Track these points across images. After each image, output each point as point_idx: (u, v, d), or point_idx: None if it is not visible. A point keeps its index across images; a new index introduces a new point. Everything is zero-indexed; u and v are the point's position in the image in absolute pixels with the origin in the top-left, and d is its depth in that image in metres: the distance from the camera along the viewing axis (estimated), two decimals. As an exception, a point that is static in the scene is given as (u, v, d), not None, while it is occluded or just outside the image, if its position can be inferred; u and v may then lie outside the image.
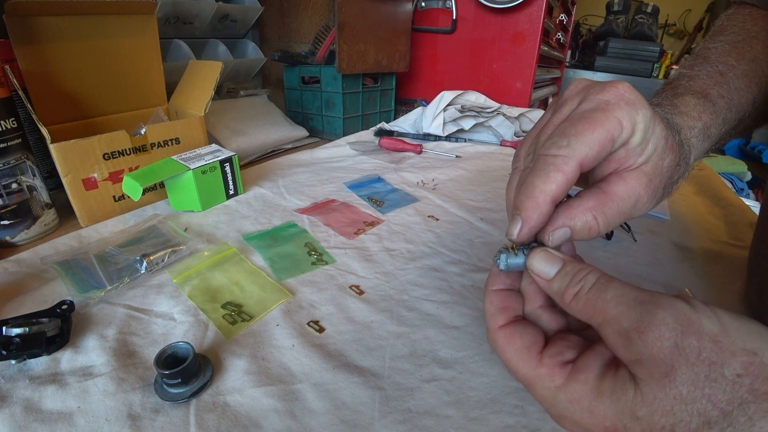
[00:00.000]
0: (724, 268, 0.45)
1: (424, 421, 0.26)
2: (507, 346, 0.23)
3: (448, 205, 0.59)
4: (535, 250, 0.24)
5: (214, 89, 0.61)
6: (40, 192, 0.48)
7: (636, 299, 0.19)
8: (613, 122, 0.22)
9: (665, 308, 0.18)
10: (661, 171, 0.24)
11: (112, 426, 0.25)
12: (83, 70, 0.57)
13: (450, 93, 0.94)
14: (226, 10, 0.91)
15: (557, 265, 0.22)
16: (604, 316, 0.20)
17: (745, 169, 1.68)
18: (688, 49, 2.93)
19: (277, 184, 0.65)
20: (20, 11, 0.48)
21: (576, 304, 0.21)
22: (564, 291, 0.22)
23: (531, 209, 0.22)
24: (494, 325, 0.24)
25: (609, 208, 0.23)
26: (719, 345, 0.17)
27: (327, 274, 0.42)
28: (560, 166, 0.22)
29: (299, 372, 0.30)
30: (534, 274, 0.23)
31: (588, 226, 0.23)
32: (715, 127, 0.30)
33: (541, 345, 0.22)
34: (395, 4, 1.00)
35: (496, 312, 0.25)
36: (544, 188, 0.22)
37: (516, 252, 0.24)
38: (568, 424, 0.21)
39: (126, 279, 0.38)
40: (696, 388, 0.17)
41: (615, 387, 0.19)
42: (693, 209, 0.61)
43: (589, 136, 0.22)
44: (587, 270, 0.22)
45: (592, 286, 0.21)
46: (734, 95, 0.31)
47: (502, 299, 0.25)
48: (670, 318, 0.18)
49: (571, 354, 0.21)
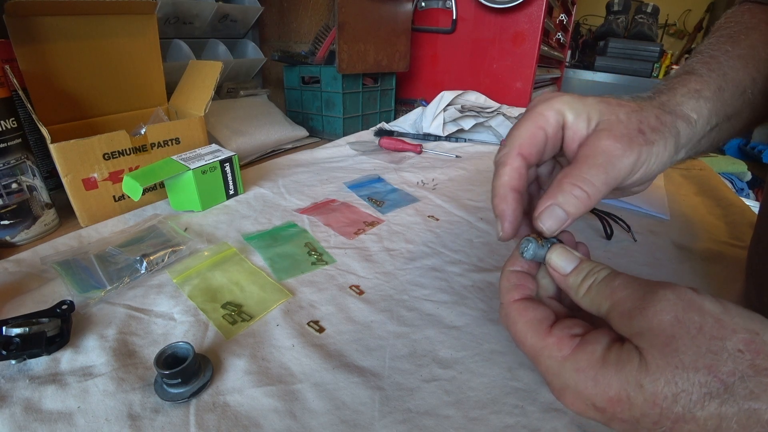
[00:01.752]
0: (725, 268, 0.45)
1: (424, 421, 0.26)
2: (518, 317, 0.24)
3: (448, 205, 0.59)
4: (554, 246, 0.25)
5: (214, 89, 0.61)
6: (40, 192, 0.48)
7: (641, 284, 0.20)
8: (533, 114, 0.26)
9: (667, 288, 0.19)
10: (618, 120, 0.25)
11: (112, 426, 0.25)
12: (83, 70, 0.57)
13: (450, 93, 0.94)
14: (226, 10, 0.91)
15: (574, 262, 0.24)
16: (612, 300, 0.21)
17: (745, 169, 1.68)
18: (689, 49, 2.93)
19: (277, 184, 0.65)
20: (20, 11, 0.48)
21: (587, 296, 0.22)
22: (578, 285, 0.23)
23: (498, 204, 0.26)
24: (509, 299, 0.25)
25: (584, 171, 0.24)
26: (721, 323, 0.18)
27: (327, 274, 0.42)
28: (503, 160, 0.26)
29: (299, 372, 0.30)
30: (551, 267, 0.25)
31: (573, 196, 0.24)
32: (709, 90, 0.30)
33: (551, 320, 0.23)
34: (395, 4, 1.00)
35: (512, 288, 0.26)
36: (499, 182, 0.26)
37: (542, 243, 0.25)
38: (570, 396, 0.21)
39: (126, 279, 0.38)
40: (698, 357, 0.17)
41: (620, 357, 0.19)
42: (693, 209, 0.61)
43: (518, 130, 0.26)
44: (601, 266, 0.23)
45: (604, 278, 0.22)
46: (728, 70, 0.31)
47: (519, 278, 0.26)
48: (672, 295, 0.19)
49: (579, 329, 0.22)
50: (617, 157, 0.24)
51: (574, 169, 0.24)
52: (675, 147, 0.27)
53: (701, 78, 0.30)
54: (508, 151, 0.26)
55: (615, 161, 0.24)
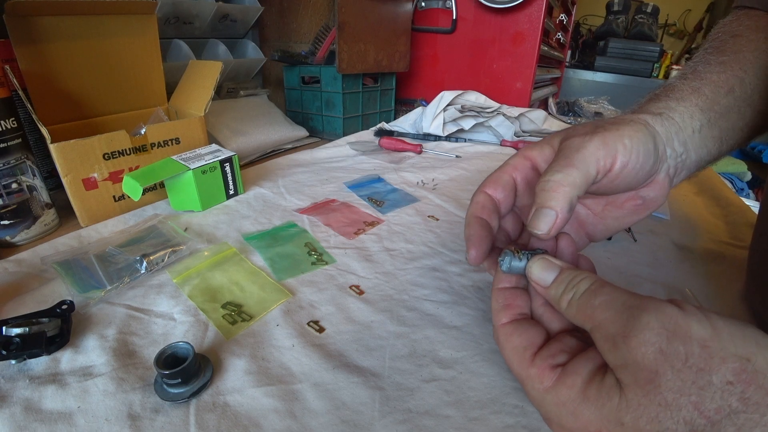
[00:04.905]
0: (725, 268, 0.45)
1: (424, 421, 0.26)
2: (505, 343, 0.24)
3: (448, 205, 0.59)
4: (534, 258, 0.25)
5: (214, 89, 0.61)
6: (40, 192, 0.48)
7: (624, 304, 0.19)
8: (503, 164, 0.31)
9: (651, 312, 0.18)
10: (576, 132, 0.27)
11: (112, 426, 0.25)
12: (83, 70, 0.57)
13: (450, 93, 0.94)
14: (226, 10, 0.91)
15: (554, 272, 0.24)
16: (593, 321, 0.20)
17: (745, 169, 1.68)
18: (689, 49, 2.93)
19: (277, 184, 0.65)
20: (20, 11, 0.48)
21: (570, 310, 0.22)
22: (559, 298, 0.22)
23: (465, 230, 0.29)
24: (497, 322, 0.25)
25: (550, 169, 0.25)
26: (708, 350, 0.16)
27: (327, 274, 0.42)
28: (472, 198, 0.31)
29: (299, 372, 0.30)
30: (532, 281, 0.24)
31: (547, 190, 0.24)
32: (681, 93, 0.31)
33: (536, 346, 0.23)
34: (395, 4, 1.00)
35: (500, 309, 0.26)
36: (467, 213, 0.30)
37: (520, 255, 0.25)
38: (555, 426, 0.21)
39: (126, 279, 0.38)
40: (682, 395, 0.16)
41: (600, 393, 0.19)
42: (693, 209, 0.61)
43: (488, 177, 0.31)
44: (581, 276, 0.22)
45: (584, 293, 0.21)
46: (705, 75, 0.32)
47: (507, 297, 0.26)
48: (656, 322, 0.17)
49: (563, 357, 0.22)
50: (577, 146, 0.25)
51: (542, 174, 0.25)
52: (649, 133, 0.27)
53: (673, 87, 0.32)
54: (477, 190, 0.31)
55: (577, 149, 0.25)
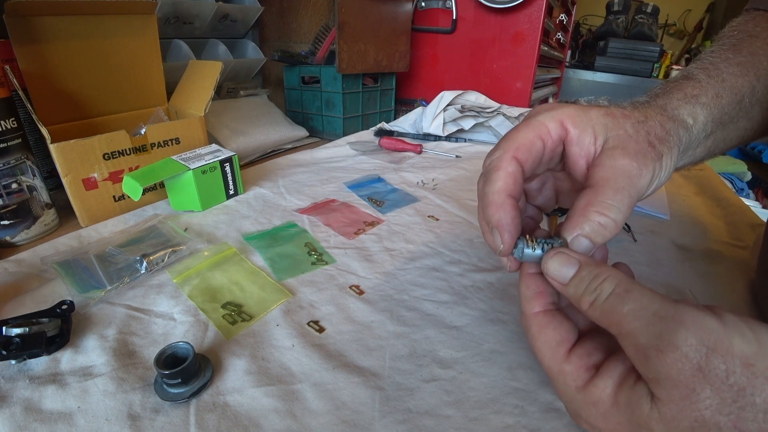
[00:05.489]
0: (725, 268, 0.45)
1: (424, 421, 0.26)
2: (539, 334, 0.23)
3: (448, 205, 0.59)
4: (550, 252, 0.23)
5: (214, 89, 0.61)
6: (40, 192, 0.48)
7: (656, 314, 0.18)
8: (533, 122, 0.25)
9: (689, 327, 0.17)
10: (628, 135, 0.24)
11: (112, 426, 0.25)
12: (83, 70, 0.57)
13: (450, 93, 0.94)
14: (226, 10, 0.91)
15: (573, 267, 0.22)
16: (620, 329, 0.19)
17: (745, 169, 1.68)
18: (688, 49, 2.93)
19: (277, 184, 0.65)
20: (20, 11, 0.48)
21: (593, 313, 0.20)
22: (580, 297, 0.21)
23: (494, 213, 0.24)
24: (529, 310, 0.24)
25: (609, 197, 0.23)
26: (751, 369, 0.15)
27: (327, 274, 0.42)
28: (497, 164, 0.24)
29: (299, 372, 0.30)
30: (549, 277, 0.23)
31: (600, 225, 0.22)
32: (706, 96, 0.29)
33: (571, 341, 0.22)
34: (395, 4, 1.00)
35: (532, 297, 0.24)
36: (493, 189, 0.24)
37: (534, 244, 0.24)
38: (583, 423, 0.21)
39: (126, 279, 0.38)
40: (721, 414, 0.16)
41: (630, 400, 0.18)
42: (693, 209, 0.61)
43: (515, 135, 0.25)
44: (604, 275, 0.20)
45: (609, 296, 0.20)
46: (727, 77, 0.30)
47: (539, 284, 0.24)
48: (694, 338, 0.16)
49: (598, 357, 0.21)
50: (636, 177, 0.23)
51: (598, 195, 0.23)
52: (678, 155, 0.27)
53: (699, 83, 0.30)
54: (502, 154, 0.24)
55: (635, 181, 0.23)
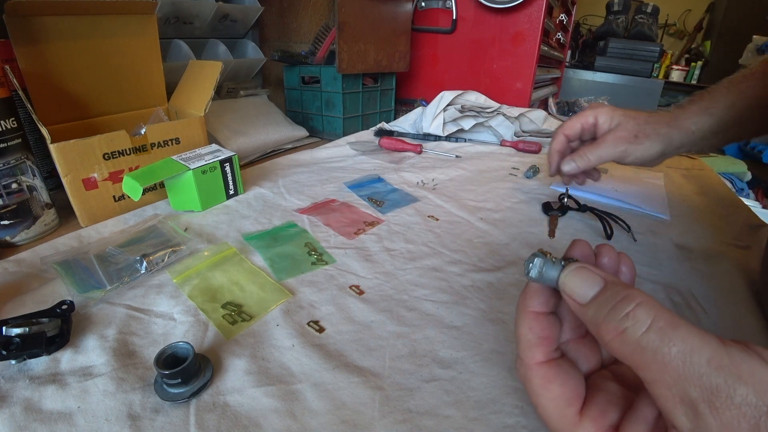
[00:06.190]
0: (725, 268, 0.45)
1: (424, 421, 0.26)
2: (543, 390, 0.20)
3: (448, 205, 0.59)
4: (571, 265, 0.20)
5: (214, 89, 0.61)
6: (40, 192, 0.48)
7: (711, 362, 0.15)
8: (580, 114, 0.52)
9: (748, 383, 0.15)
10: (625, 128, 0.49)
11: (112, 426, 0.25)
12: (83, 70, 0.57)
13: (450, 93, 0.94)
14: (226, 10, 0.91)
15: (596, 285, 0.19)
16: (662, 374, 0.16)
17: (745, 169, 1.68)
18: (688, 49, 2.93)
19: (277, 184, 0.65)
20: (20, 11, 0.48)
21: (620, 347, 0.17)
22: (602, 322, 0.18)
23: (549, 156, 0.55)
24: (531, 359, 0.21)
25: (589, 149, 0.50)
26: None
27: (327, 274, 0.42)
28: (555, 136, 0.54)
29: (299, 372, 0.30)
30: (566, 294, 0.20)
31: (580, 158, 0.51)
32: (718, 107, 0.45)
33: (581, 399, 0.20)
34: (395, 4, 1.00)
35: (536, 343, 0.21)
36: (551, 148, 0.55)
37: (554, 261, 0.21)
38: None
39: (126, 279, 0.38)
40: None
41: None
42: (693, 209, 0.61)
43: (568, 121, 0.52)
44: (636, 300, 0.17)
45: (647, 330, 0.16)
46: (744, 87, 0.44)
47: (544, 327, 0.21)
48: (754, 397, 0.15)
49: (614, 415, 0.19)
50: (610, 147, 0.49)
51: (586, 147, 0.51)
52: (663, 147, 0.47)
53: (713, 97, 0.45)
54: (558, 130, 0.53)
55: (606, 148, 0.49)
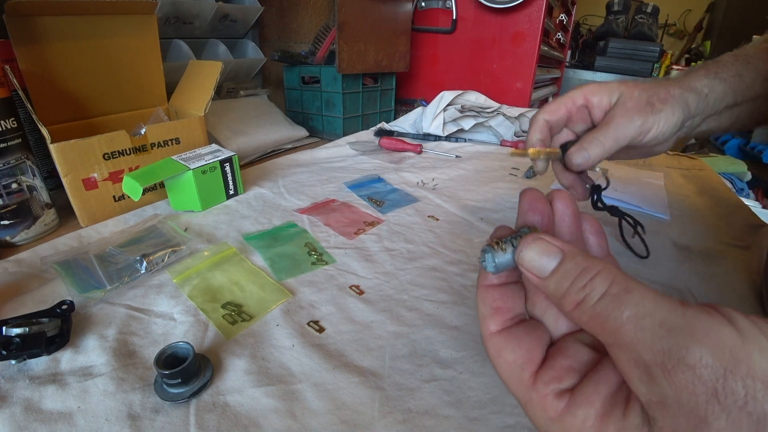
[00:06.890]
0: (725, 268, 0.45)
1: (424, 421, 0.26)
2: (498, 359, 0.20)
3: (448, 205, 0.59)
4: (526, 239, 0.19)
5: (214, 89, 0.61)
6: (40, 192, 0.48)
7: (664, 324, 0.15)
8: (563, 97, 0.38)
9: (702, 341, 0.14)
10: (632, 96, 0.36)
11: (112, 426, 0.25)
12: (83, 70, 0.57)
13: (450, 93, 0.94)
14: (226, 10, 0.91)
15: (555, 257, 0.18)
16: (616, 339, 0.16)
17: (745, 169, 1.67)
18: (688, 49, 2.93)
19: (277, 184, 0.65)
20: (20, 11, 0.48)
21: (579, 316, 0.17)
22: (563, 295, 0.17)
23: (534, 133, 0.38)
24: (485, 330, 0.21)
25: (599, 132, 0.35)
26: None
27: (327, 274, 0.42)
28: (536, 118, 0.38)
29: (299, 372, 0.30)
30: (524, 269, 0.19)
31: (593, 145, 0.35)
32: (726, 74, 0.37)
33: (536, 363, 0.19)
34: (395, 4, 1.00)
35: (489, 315, 0.21)
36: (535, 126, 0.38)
37: (503, 247, 0.19)
38: None
39: (126, 279, 0.38)
40: None
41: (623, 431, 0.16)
42: (693, 209, 0.61)
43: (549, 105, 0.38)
44: (595, 269, 0.17)
45: (602, 297, 0.16)
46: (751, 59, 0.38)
47: (496, 297, 0.21)
48: (710, 357, 0.14)
49: (570, 380, 0.18)
50: (622, 125, 0.35)
51: (594, 131, 0.36)
52: (684, 113, 0.36)
53: (719, 63, 0.38)
54: (536, 116, 0.38)
55: (621, 127, 0.35)
